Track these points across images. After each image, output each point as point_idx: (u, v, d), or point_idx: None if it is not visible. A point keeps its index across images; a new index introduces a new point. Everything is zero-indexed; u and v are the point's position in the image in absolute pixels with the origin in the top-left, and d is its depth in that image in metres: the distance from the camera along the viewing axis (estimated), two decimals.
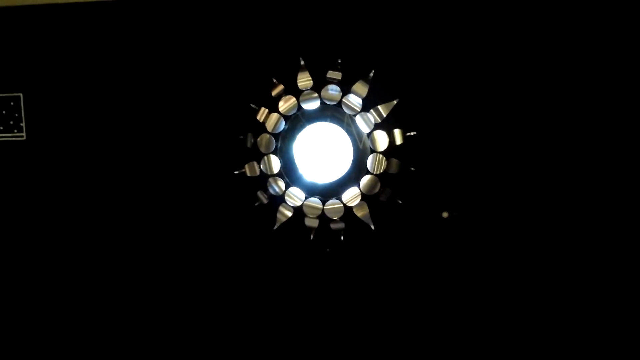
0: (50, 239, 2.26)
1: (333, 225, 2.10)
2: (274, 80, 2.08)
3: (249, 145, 2.10)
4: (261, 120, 2.08)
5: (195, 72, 2.16)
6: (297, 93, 2.07)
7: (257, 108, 2.10)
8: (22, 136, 2.22)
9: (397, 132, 2.04)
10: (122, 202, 2.22)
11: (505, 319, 2.10)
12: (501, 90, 2.03)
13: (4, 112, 2.21)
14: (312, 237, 2.13)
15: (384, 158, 2.05)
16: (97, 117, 2.20)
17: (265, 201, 2.12)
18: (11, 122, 2.21)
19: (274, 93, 2.08)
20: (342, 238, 2.12)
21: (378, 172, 2.06)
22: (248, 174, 2.12)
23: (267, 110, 2.09)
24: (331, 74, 2.04)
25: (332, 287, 2.18)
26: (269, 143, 2.10)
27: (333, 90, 2.04)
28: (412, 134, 2.04)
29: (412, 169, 2.06)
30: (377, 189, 2.06)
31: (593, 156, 2.01)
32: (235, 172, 2.13)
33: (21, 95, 2.20)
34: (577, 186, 2.03)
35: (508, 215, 2.07)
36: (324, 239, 2.15)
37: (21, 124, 2.21)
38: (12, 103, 2.21)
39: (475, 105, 2.04)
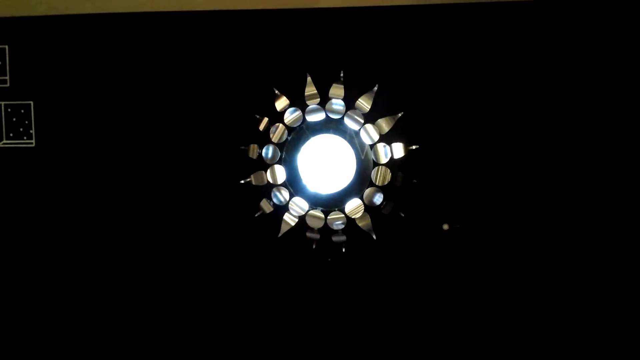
0: (58, 246, 2.27)
1: (335, 238, 2.13)
2: (277, 92, 2.12)
3: (254, 156, 2.14)
4: (262, 130, 2.12)
5: (204, 83, 2.18)
6: (302, 105, 2.11)
7: (260, 118, 2.13)
8: (32, 143, 2.26)
9: (400, 145, 2.08)
10: (130, 209, 2.25)
11: (507, 331, 2.12)
12: (505, 104, 2.06)
13: (14, 119, 2.25)
14: (314, 246, 2.16)
15: (387, 170, 2.08)
16: (106, 125, 2.23)
17: (267, 211, 2.15)
18: (21, 130, 2.25)
19: (277, 104, 2.12)
20: (343, 250, 2.15)
21: (381, 184, 2.09)
22: (254, 182, 2.16)
23: (269, 120, 2.13)
24: (333, 91, 2.08)
25: (333, 297, 2.19)
26: (273, 154, 2.14)
27: (337, 104, 2.08)
28: (414, 147, 2.08)
29: (415, 181, 2.09)
30: (379, 201, 2.09)
31: (598, 171, 2.03)
32: (242, 182, 2.17)
33: (32, 103, 2.25)
34: (582, 201, 2.05)
35: (510, 228, 2.09)
36: (326, 248, 2.17)
37: (31, 132, 2.25)
38: (22, 111, 2.25)
39: (479, 119, 2.07)
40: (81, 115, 2.24)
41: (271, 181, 2.16)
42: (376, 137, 2.08)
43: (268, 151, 2.14)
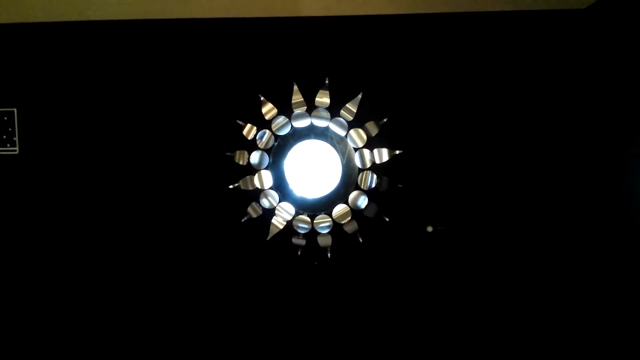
0: (42, 251, 2.26)
1: (320, 241, 2.18)
2: (262, 98, 2.14)
3: (243, 162, 2.17)
4: (248, 137, 2.16)
5: (191, 89, 2.22)
6: (289, 112, 2.15)
7: (243, 124, 2.16)
8: (15, 150, 2.23)
9: (384, 151, 2.13)
10: (116, 214, 2.25)
11: (490, 327, 2.19)
12: (486, 111, 2.14)
13: None
14: (299, 253, 2.20)
15: (371, 175, 2.13)
16: (91, 132, 2.23)
17: (255, 215, 2.18)
18: (4, 137, 2.22)
19: (263, 110, 2.15)
20: (329, 255, 2.19)
21: (366, 189, 2.13)
22: (242, 187, 2.18)
23: (254, 127, 2.16)
24: (319, 98, 2.13)
25: (320, 298, 2.24)
26: (260, 159, 2.17)
27: (323, 111, 2.13)
28: (398, 152, 2.13)
29: (400, 186, 2.14)
30: (364, 204, 2.13)
31: (567, 176, 2.13)
32: (230, 187, 2.18)
33: (15, 110, 2.22)
34: (552, 201, 2.14)
35: (492, 229, 2.17)
36: (313, 251, 2.21)
37: (14, 139, 2.22)
38: (5, 118, 2.22)
39: (461, 125, 2.15)
40: (65, 123, 2.23)
41: (259, 186, 2.19)
42: (361, 143, 2.14)
43: (255, 157, 2.17)
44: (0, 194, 2.24)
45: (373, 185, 2.13)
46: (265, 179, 2.17)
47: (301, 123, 2.15)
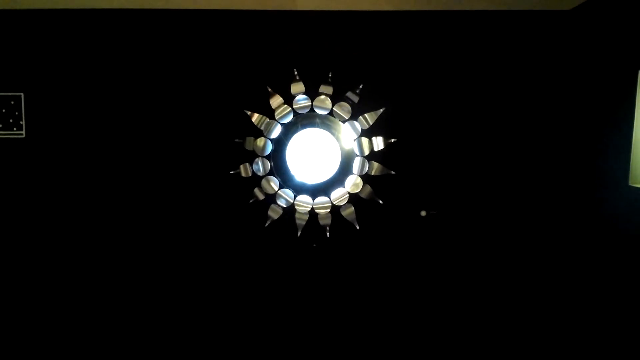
0: (47, 234, 2.32)
1: (321, 220, 2.29)
2: (269, 89, 2.23)
3: (251, 148, 2.26)
4: (257, 124, 2.25)
5: (195, 79, 2.29)
6: (292, 102, 2.24)
7: (251, 114, 2.24)
8: (22, 134, 2.27)
9: (380, 139, 2.24)
10: (118, 199, 2.32)
11: (479, 311, 2.33)
12: (471, 104, 2.27)
13: (4, 110, 2.26)
14: (299, 234, 2.30)
15: (366, 161, 2.24)
16: (95, 117, 2.29)
17: (261, 197, 2.27)
18: (11, 121, 2.26)
19: (271, 101, 2.24)
20: (327, 235, 2.30)
21: (362, 174, 2.25)
22: (243, 174, 2.27)
23: (261, 115, 2.24)
24: (322, 90, 2.23)
25: (318, 277, 2.35)
26: (264, 146, 2.26)
27: (324, 102, 2.23)
28: (392, 140, 2.24)
29: (393, 172, 2.25)
30: (360, 188, 2.25)
31: (551, 165, 2.27)
32: (231, 172, 2.27)
33: (22, 94, 2.26)
34: (543, 190, 2.28)
35: (482, 214, 2.30)
36: (311, 235, 2.32)
37: (21, 122, 2.27)
38: (12, 102, 2.26)
39: (454, 116, 2.27)
40: (72, 107, 2.29)
41: (260, 172, 2.29)
42: (359, 132, 2.24)
43: (259, 144, 2.25)
44: (7, 176, 2.29)
45: (368, 171, 2.25)
46: (268, 165, 2.27)
47: (304, 113, 2.25)
